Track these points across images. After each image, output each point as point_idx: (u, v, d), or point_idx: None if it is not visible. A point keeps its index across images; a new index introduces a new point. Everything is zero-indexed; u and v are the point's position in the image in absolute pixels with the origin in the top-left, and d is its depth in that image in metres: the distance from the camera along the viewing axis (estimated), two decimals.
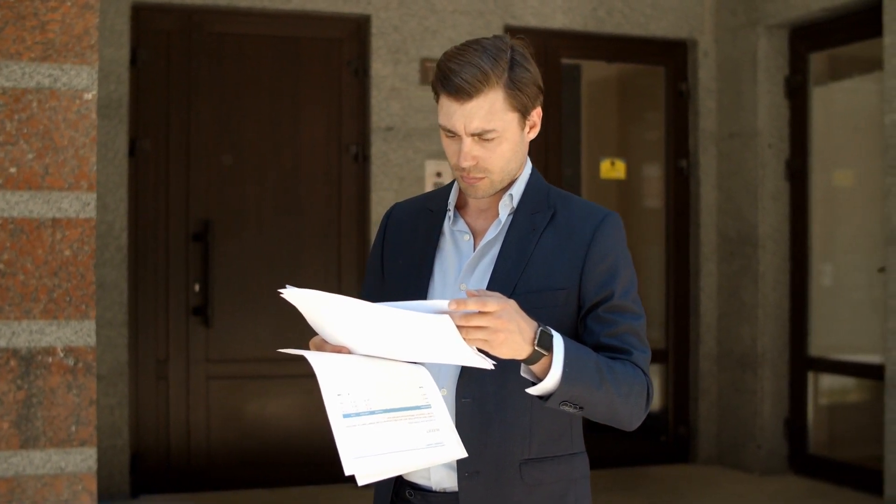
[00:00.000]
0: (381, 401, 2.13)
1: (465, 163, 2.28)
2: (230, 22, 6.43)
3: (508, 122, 2.29)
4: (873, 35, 6.26)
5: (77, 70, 3.97)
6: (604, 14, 7.04)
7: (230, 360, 6.36)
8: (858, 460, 6.67)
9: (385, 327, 2.11)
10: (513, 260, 2.32)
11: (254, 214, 6.43)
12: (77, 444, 4.00)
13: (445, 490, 2.33)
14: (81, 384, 4.00)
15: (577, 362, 2.15)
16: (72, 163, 3.97)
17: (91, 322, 4.01)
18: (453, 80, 2.24)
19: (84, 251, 4.01)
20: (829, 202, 6.97)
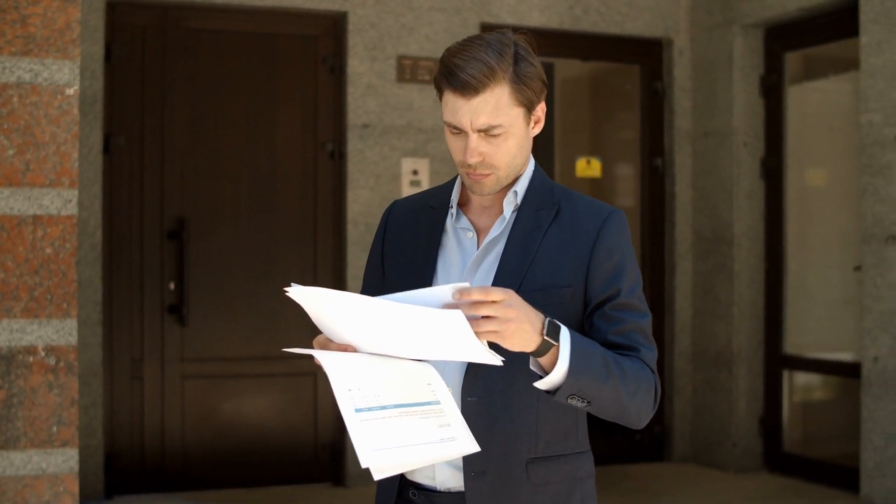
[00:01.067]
0: (391, 396, 2.10)
1: (472, 159, 2.26)
2: (205, 18, 6.37)
3: (514, 117, 2.26)
4: (849, 35, 6.29)
5: (59, 65, 3.92)
6: (580, 12, 7.03)
7: (205, 360, 6.31)
8: (833, 458, 6.70)
9: (393, 324, 2.09)
10: (518, 257, 2.30)
11: (229, 212, 6.38)
12: (58, 444, 3.95)
13: (450, 490, 2.31)
14: (63, 384, 3.95)
15: (584, 355, 2.13)
16: (53, 159, 3.91)
17: (73, 321, 3.96)
18: (459, 76, 2.21)
19: (66, 249, 3.96)
20: (803, 201, 7.00)
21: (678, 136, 7.26)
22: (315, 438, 6.51)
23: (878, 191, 5.85)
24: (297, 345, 6.84)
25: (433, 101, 6.63)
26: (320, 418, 6.51)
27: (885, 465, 5.79)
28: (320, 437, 6.51)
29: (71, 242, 3.92)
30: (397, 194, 6.54)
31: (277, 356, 6.42)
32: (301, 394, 6.49)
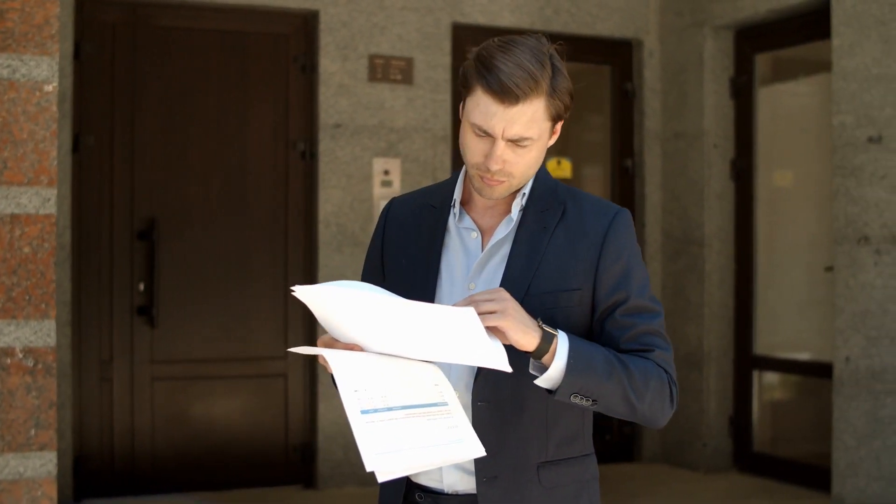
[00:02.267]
0: (398, 397, 2.08)
1: (495, 166, 2.20)
2: (176, 16, 6.30)
3: (544, 130, 2.22)
4: (820, 37, 6.32)
5: (37, 61, 3.85)
6: (551, 13, 7.03)
7: (175, 361, 6.24)
8: (803, 457, 6.73)
9: (404, 322, 2.06)
10: (525, 259, 2.26)
11: (200, 212, 6.31)
12: (36, 448, 3.88)
13: (458, 493, 2.28)
14: (41, 386, 3.88)
15: (582, 352, 2.13)
16: (31, 157, 3.85)
17: (51, 322, 3.90)
18: (502, 80, 2.14)
19: (44, 248, 3.89)
20: (773, 202, 7.03)
21: (648, 137, 7.28)
22: (286, 440, 6.46)
23: (851, 192, 5.88)
24: (267, 345, 6.71)
25: (405, 100, 6.60)
26: (291, 420, 6.46)
27: (857, 464, 5.82)
28: (291, 439, 6.46)
29: (49, 242, 3.87)
30: (369, 194, 6.51)
31: (248, 357, 6.38)
32: (272, 395, 6.44)
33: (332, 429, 6.41)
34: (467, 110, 2.22)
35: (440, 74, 6.70)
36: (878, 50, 5.75)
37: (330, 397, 6.41)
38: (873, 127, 5.76)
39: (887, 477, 5.66)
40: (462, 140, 2.26)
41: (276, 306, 6.43)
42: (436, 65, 6.69)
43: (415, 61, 6.63)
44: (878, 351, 5.72)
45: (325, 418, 6.40)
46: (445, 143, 6.70)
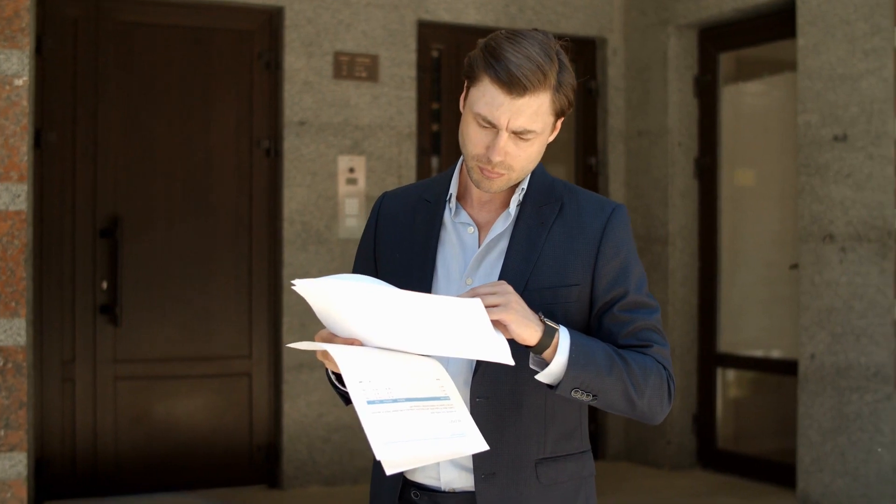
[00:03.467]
0: (402, 390, 2.06)
1: (497, 157, 2.18)
2: (139, 11, 6.22)
3: (547, 125, 2.21)
4: (785, 37, 6.36)
5: (6, 54, 3.79)
6: (515, 11, 7.02)
7: (139, 361, 6.16)
8: (766, 454, 6.78)
9: (407, 315, 2.03)
10: (523, 255, 2.25)
11: (163, 210, 6.24)
12: (6, 449, 3.82)
13: (455, 490, 2.26)
14: (11, 385, 3.82)
15: (583, 347, 2.12)
16: (1, 152, 3.78)
17: (21, 320, 3.84)
18: (511, 71, 2.12)
19: (14, 245, 3.83)
20: (738, 200, 7.07)
21: (612, 135, 7.29)
22: (250, 440, 6.40)
23: (816, 190, 5.93)
24: (231, 345, 6.63)
25: (370, 97, 6.56)
26: (255, 420, 6.40)
27: (822, 460, 5.86)
28: (255, 439, 6.41)
29: (20, 239, 3.80)
30: (334, 192, 6.47)
31: (212, 357, 6.31)
32: (236, 395, 6.38)
33: (297, 428, 6.36)
34: (471, 100, 2.20)
35: (405, 71, 6.67)
36: (843, 49, 5.79)
37: (294, 397, 6.36)
38: (838, 126, 5.81)
39: (852, 473, 5.70)
40: (463, 131, 2.24)
41: (240, 305, 6.38)
42: (401, 62, 6.66)
43: (380, 58, 6.60)
44: (842, 348, 5.77)
45: (290, 418, 6.36)
46: (410, 140, 6.67)
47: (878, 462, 5.58)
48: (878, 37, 5.62)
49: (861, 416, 5.67)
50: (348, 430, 6.46)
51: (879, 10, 5.62)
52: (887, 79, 5.58)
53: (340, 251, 6.47)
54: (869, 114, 5.66)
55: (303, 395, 6.38)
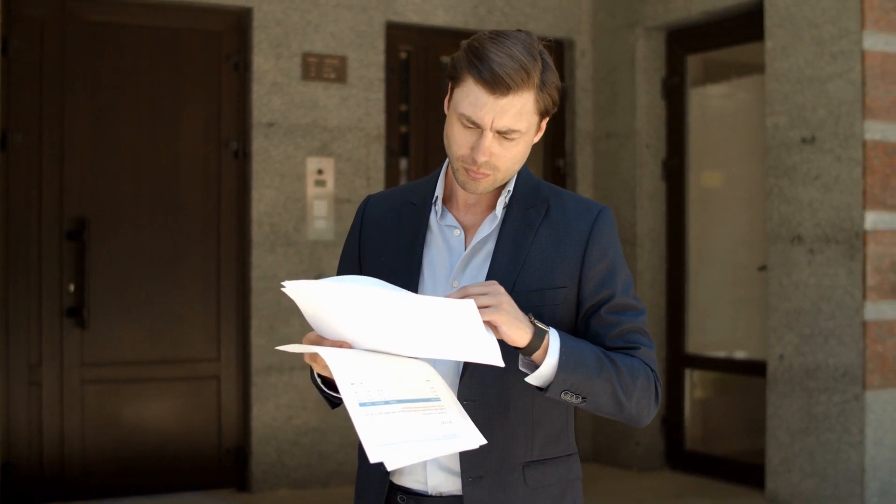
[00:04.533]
0: (393, 391, 2.04)
1: (482, 157, 2.17)
2: (106, 11, 6.17)
3: (531, 125, 2.20)
4: (753, 39, 6.39)
5: None
6: (484, 12, 7.02)
7: (106, 364, 6.10)
8: (734, 455, 6.81)
9: (398, 317, 2.02)
10: (510, 257, 2.24)
11: (131, 212, 6.18)
12: None
13: (442, 494, 2.25)
14: None
15: (573, 349, 2.11)
16: None
17: None
18: (495, 70, 2.11)
19: None
20: (706, 202, 7.10)
21: (580, 136, 7.30)
22: (219, 443, 6.36)
23: (784, 192, 5.96)
24: (199, 347, 6.59)
25: (339, 99, 6.54)
26: (224, 423, 6.36)
27: (791, 460, 5.90)
28: (224, 442, 6.37)
29: None
30: (302, 194, 6.44)
31: (180, 359, 6.27)
32: (204, 398, 6.33)
33: (265, 431, 6.33)
34: (455, 101, 2.19)
35: (373, 73, 6.65)
36: (811, 52, 5.83)
37: (263, 400, 6.33)
38: (807, 128, 5.84)
39: (820, 473, 5.74)
40: (448, 132, 2.23)
41: (208, 307, 6.33)
42: (369, 63, 6.64)
43: (348, 60, 6.58)
44: (811, 349, 5.80)
45: (259, 421, 6.32)
46: (379, 142, 6.65)
47: (847, 462, 5.61)
48: (845, 40, 5.66)
49: (829, 416, 5.71)
50: (317, 433, 6.44)
51: (847, 14, 5.66)
52: (855, 81, 5.62)
53: (309, 253, 6.44)
54: (837, 116, 5.69)
55: (272, 398, 6.35)
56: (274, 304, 6.35)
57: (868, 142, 5.59)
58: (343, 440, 6.48)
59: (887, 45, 5.67)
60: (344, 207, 6.52)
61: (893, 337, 5.63)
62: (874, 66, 5.62)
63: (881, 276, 5.61)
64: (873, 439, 5.58)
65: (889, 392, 5.63)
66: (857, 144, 5.61)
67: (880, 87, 5.63)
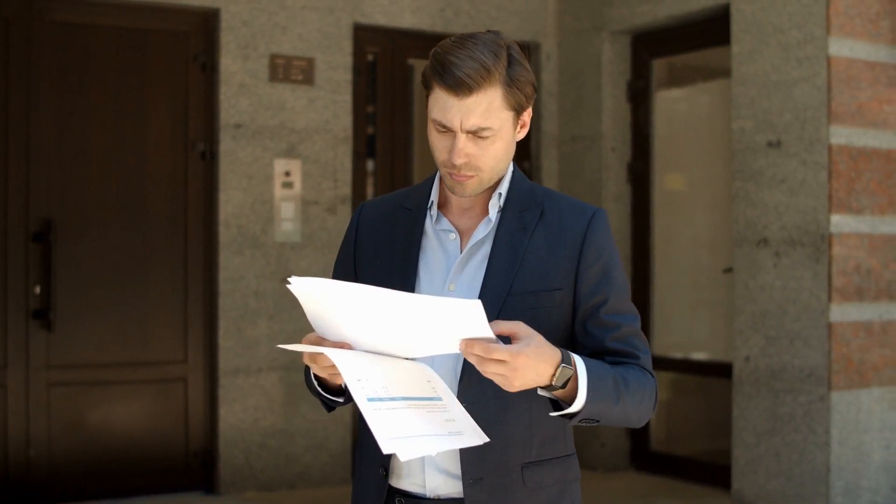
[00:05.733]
0: (397, 389, 2.07)
1: (458, 160, 2.20)
2: (72, 11, 6.12)
3: (504, 121, 2.22)
4: (719, 43, 6.45)
5: None
6: (451, 15, 7.04)
7: (72, 366, 6.06)
8: (700, 455, 6.87)
9: (402, 317, 2.02)
10: (506, 260, 2.26)
11: (98, 213, 6.14)
12: None
13: (440, 497, 2.26)
14: None
15: (598, 384, 2.13)
16: None
17: None
18: (454, 74, 2.15)
19: None
20: (671, 205, 7.16)
21: (545, 139, 7.34)
22: (186, 446, 6.33)
23: (750, 195, 6.02)
24: (166, 349, 6.52)
25: (306, 101, 6.53)
26: (191, 425, 6.34)
27: (757, 461, 5.96)
28: (191, 445, 6.34)
29: None
30: (270, 196, 6.42)
31: (147, 362, 6.24)
32: (171, 400, 6.30)
33: (233, 433, 6.31)
34: (429, 109, 2.23)
35: (341, 75, 6.65)
36: (777, 57, 5.89)
37: (230, 402, 6.31)
38: (772, 132, 5.91)
39: (786, 473, 5.80)
40: (430, 141, 2.27)
41: (175, 309, 6.30)
42: (336, 65, 6.64)
43: (316, 61, 6.57)
44: (777, 350, 5.87)
45: (226, 423, 6.30)
46: (346, 144, 6.65)
47: (812, 462, 5.68)
48: (811, 45, 5.73)
49: (795, 417, 5.77)
50: (284, 434, 6.42)
51: (812, 20, 5.73)
52: (820, 86, 5.69)
53: (276, 255, 6.43)
54: (802, 121, 5.76)
55: (239, 400, 6.33)
56: (241, 305, 6.33)
57: (833, 146, 5.66)
58: (310, 442, 6.47)
59: (852, 50, 5.74)
60: (311, 209, 6.51)
61: (858, 339, 5.71)
62: (839, 71, 5.70)
63: (846, 278, 5.68)
64: (838, 439, 5.65)
65: (854, 393, 5.70)
66: (822, 149, 5.68)
67: (845, 93, 5.71)
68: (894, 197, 5.87)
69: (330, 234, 6.55)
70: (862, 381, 5.73)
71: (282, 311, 6.42)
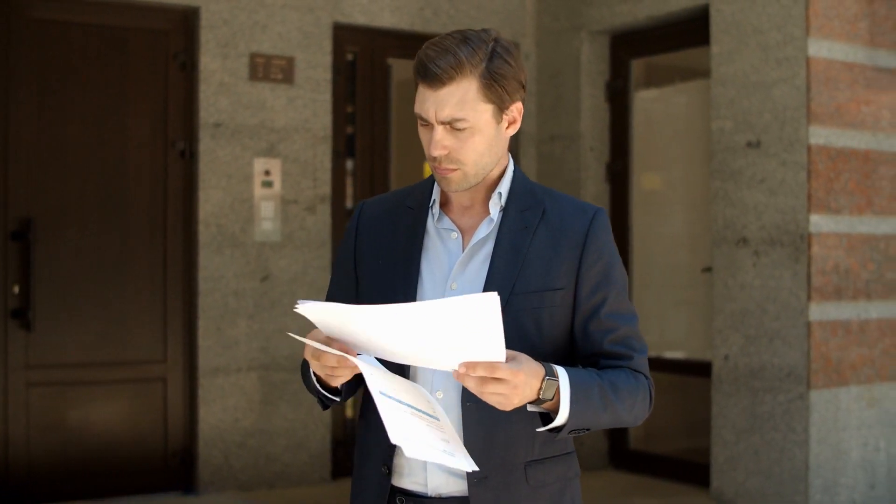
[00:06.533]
0: (403, 396, 2.08)
1: (436, 151, 2.23)
2: (52, 8, 6.08)
3: (481, 113, 2.23)
4: (699, 44, 6.48)
5: None
6: (430, 14, 7.04)
7: (52, 366, 6.02)
8: (678, 454, 6.90)
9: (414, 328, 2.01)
10: (508, 259, 2.27)
11: (77, 212, 6.11)
12: None
13: (441, 496, 2.27)
14: None
15: (582, 397, 2.15)
16: None
17: None
18: (427, 66, 2.20)
19: None
20: (649, 204, 7.19)
21: (524, 139, 7.35)
22: (165, 446, 6.30)
23: (730, 195, 6.06)
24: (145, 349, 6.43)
25: (286, 100, 6.52)
26: (170, 425, 6.31)
27: (736, 459, 5.99)
28: (170, 445, 6.31)
29: None
30: (249, 195, 6.41)
31: (126, 361, 6.21)
32: (150, 400, 6.28)
33: (212, 433, 6.29)
34: (414, 105, 2.27)
35: (321, 74, 6.64)
36: (757, 58, 5.93)
37: (210, 401, 6.29)
38: (752, 132, 5.95)
39: (765, 471, 5.84)
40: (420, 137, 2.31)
41: (154, 309, 6.28)
42: (316, 64, 6.63)
43: (296, 60, 6.56)
44: (756, 349, 5.90)
45: (205, 423, 6.28)
46: (326, 143, 6.64)
47: (791, 460, 5.72)
48: (790, 46, 5.77)
49: (774, 415, 5.82)
50: (264, 434, 6.41)
51: (792, 21, 5.77)
52: (800, 87, 5.73)
53: (256, 254, 6.41)
54: (782, 121, 5.80)
55: (218, 400, 6.31)
56: (221, 305, 6.31)
57: (813, 146, 5.71)
58: (289, 441, 6.46)
59: (831, 51, 5.79)
60: (291, 208, 6.50)
61: (837, 338, 5.76)
62: (818, 72, 5.74)
63: (825, 277, 5.72)
64: (817, 438, 5.69)
65: (832, 391, 5.75)
66: (801, 149, 5.72)
67: (824, 93, 5.75)
68: (872, 197, 5.92)
69: (309, 234, 6.55)
70: (840, 380, 5.78)
71: (261, 310, 6.41)
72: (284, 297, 6.47)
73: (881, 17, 5.99)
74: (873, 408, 5.90)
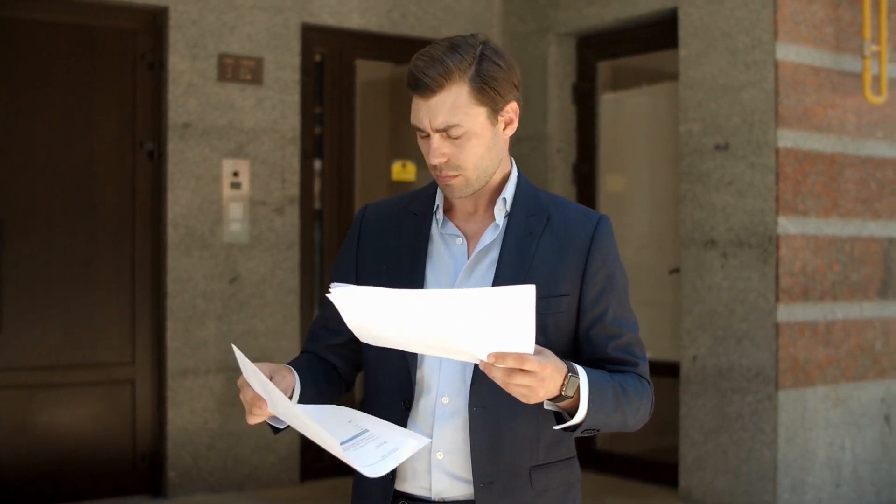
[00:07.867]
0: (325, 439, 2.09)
1: (435, 160, 2.25)
2: (19, 7, 6.03)
3: (475, 117, 2.24)
4: (667, 47, 6.53)
5: None
6: (398, 16, 7.05)
7: (19, 368, 5.96)
8: (644, 454, 6.95)
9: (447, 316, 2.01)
10: (514, 265, 2.29)
11: (45, 213, 6.05)
12: None
13: (445, 500, 2.28)
14: None
15: (599, 397, 2.18)
16: None
17: None
18: (415, 75, 2.22)
19: None
20: (616, 206, 7.23)
21: None
22: (133, 448, 6.26)
23: (698, 197, 6.11)
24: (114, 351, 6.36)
25: (255, 100, 6.50)
26: (139, 427, 6.27)
27: (704, 459, 6.05)
28: (139, 447, 6.27)
29: None
30: (218, 196, 6.38)
31: (94, 364, 6.17)
32: (119, 402, 6.23)
33: (181, 435, 6.26)
34: (410, 117, 2.29)
35: (289, 75, 6.63)
36: (725, 61, 5.99)
37: (178, 404, 6.25)
38: (720, 135, 6.00)
39: (733, 471, 5.90)
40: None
41: (122, 310, 6.24)
42: (285, 65, 6.62)
43: (264, 61, 6.54)
44: (724, 350, 5.96)
45: (174, 425, 6.24)
46: (294, 144, 6.63)
47: (760, 460, 5.79)
48: (758, 50, 5.83)
49: (742, 415, 5.88)
50: (233, 436, 6.39)
51: (760, 25, 5.83)
52: (768, 90, 5.79)
53: (224, 255, 6.39)
54: (750, 124, 5.86)
55: (187, 402, 6.28)
56: (189, 306, 6.28)
57: (781, 149, 5.77)
58: (258, 443, 6.45)
59: (798, 55, 5.86)
60: (259, 210, 6.49)
61: (804, 338, 5.83)
62: (786, 75, 5.80)
63: (793, 279, 5.79)
64: (785, 438, 5.76)
65: (800, 392, 5.82)
66: (770, 152, 5.78)
67: (792, 97, 5.82)
68: (838, 199, 6.00)
69: (278, 235, 6.53)
70: (807, 380, 5.85)
71: (230, 312, 6.38)
72: (253, 298, 6.45)
73: (846, 23, 6.07)
74: (839, 408, 5.98)
